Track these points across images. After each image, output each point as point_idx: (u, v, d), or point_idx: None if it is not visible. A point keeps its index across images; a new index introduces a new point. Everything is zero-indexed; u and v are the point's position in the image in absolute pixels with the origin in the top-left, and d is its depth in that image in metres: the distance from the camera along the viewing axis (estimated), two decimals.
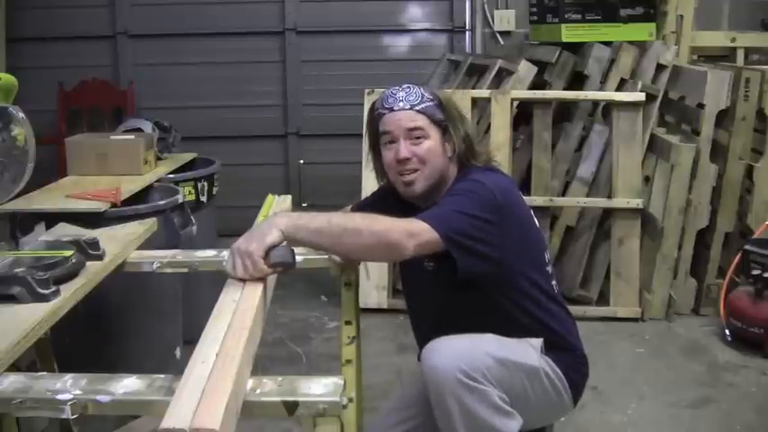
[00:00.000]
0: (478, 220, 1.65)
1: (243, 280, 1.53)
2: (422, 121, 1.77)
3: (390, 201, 1.89)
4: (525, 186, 3.86)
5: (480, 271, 1.67)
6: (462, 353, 1.64)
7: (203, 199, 3.33)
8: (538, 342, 1.80)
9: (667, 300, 3.58)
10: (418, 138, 1.77)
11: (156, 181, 3.10)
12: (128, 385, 1.29)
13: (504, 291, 1.77)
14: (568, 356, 1.86)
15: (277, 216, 1.59)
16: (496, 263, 1.70)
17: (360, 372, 2.13)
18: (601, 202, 3.73)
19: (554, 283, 1.89)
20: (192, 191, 3.26)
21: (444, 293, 1.79)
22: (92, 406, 1.25)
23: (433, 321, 1.86)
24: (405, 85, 1.82)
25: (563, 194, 3.87)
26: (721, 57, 4.45)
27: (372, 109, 1.87)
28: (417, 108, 1.78)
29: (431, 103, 1.79)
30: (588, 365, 1.94)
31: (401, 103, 1.78)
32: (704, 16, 4.56)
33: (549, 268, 1.88)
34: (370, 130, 1.88)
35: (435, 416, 1.67)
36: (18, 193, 2.42)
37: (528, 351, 1.76)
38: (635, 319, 3.59)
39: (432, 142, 1.78)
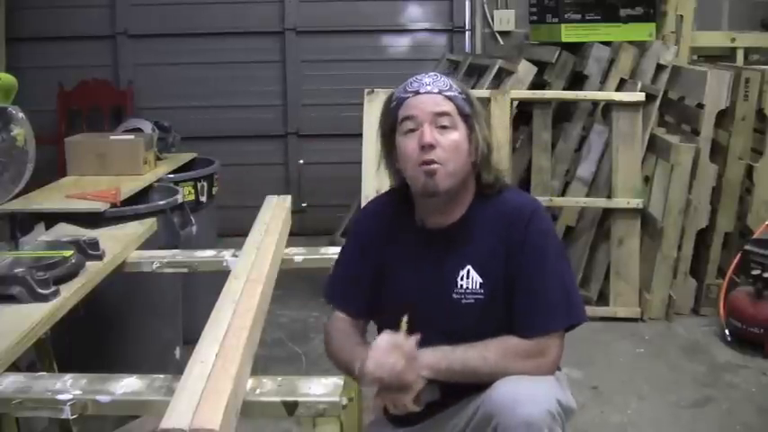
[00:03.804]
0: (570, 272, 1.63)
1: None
2: (450, 108, 1.56)
3: (391, 214, 1.71)
4: (525, 186, 3.86)
5: None
6: (544, 396, 1.48)
7: (203, 199, 3.33)
8: (564, 377, 1.69)
9: (667, 300, 3.58)
10: (445, 126, 1.55)
11: (156, 181, 3.10)
12: (127, 385, 1.29)
13: None
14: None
15: (422, 361, 1.50)
16: None
17: None
18: (600, 202, 3.73)
19: None
20: (192, 191, 3.25)
21: (477, 326, 1.60)
22: (92, 406, 1.26)
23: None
24: (431, 73, 1.62)
25: (563, 194, 3.87)
26: (721, 57, 4.45)
27: (390, 99, 1.65)
28: (446, 94, 1.57)
29: (459, 95, 1.59)
30: None
31: (428, 87, 1.58)
32: (704, 16, 4.56)
33: None
34: (386, 121, 1.64)
35: None
36: (18, 193, 2.42)
37: (569, 392, 1.65)
38: (635, 319, 3.59)
39: (459, 135, 1.56)
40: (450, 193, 1.59)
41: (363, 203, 3.61)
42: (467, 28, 5.02)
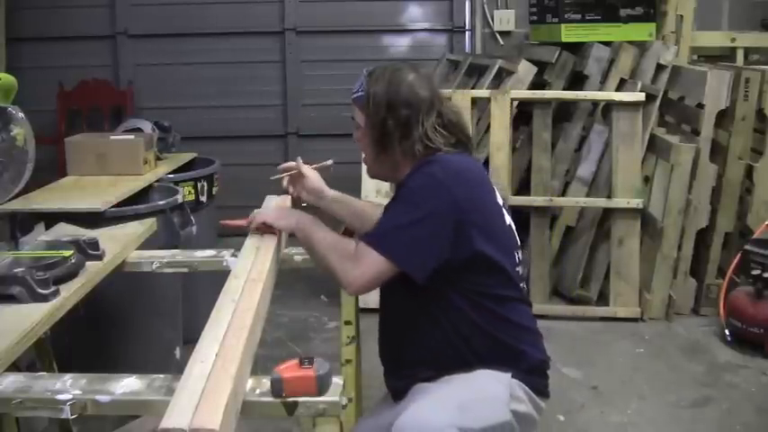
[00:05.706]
0: (424, 227, 1.64)
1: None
2: (355, 110, 1.88)
3: None
4: (525, 186, 3.86)
5: (436, 267, 1.64)
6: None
7: (203, 199, 3.33)
8: (506, 379, 1.67)
9: (667, 300, 3.58)
10: (357, 127, 1.88)
11: (156, 181, 3.10)
12: (127, 385, 1.29)
13: (456, 285, 1.68)
14: (528, 362, 1.73)
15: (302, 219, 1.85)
16: (451, 257, 1.64)
17: (359, 372, 2.13)
18: (601, 202, 3.73)
19: (522, 285, 1.79)
20: (192, 191, 3.26)
21: (393, 289, 1.72)
22: (91, 406, 1.26)
23: (385, 320, 1.82)
24: (365, 70, 1.88)
25: (563, 194, 3.87)
26: (721, 57, 4.46)
27: None
28: (353, 97, 1.87)
29: (361, 93, 1.84)
30: (547, 358, 1.81)
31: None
32: (704, 16, 4.56)
33: (519, 268, 1.78)
34: None
35: None
36: (18, 193, 2.41)
37: (495, 406, 1.64)
38: (635, 319, 3.59)
39: (359, 133, 1.87)
40: (382, 173, 1.91)
41: None
42: (467, 28, 5.02)
